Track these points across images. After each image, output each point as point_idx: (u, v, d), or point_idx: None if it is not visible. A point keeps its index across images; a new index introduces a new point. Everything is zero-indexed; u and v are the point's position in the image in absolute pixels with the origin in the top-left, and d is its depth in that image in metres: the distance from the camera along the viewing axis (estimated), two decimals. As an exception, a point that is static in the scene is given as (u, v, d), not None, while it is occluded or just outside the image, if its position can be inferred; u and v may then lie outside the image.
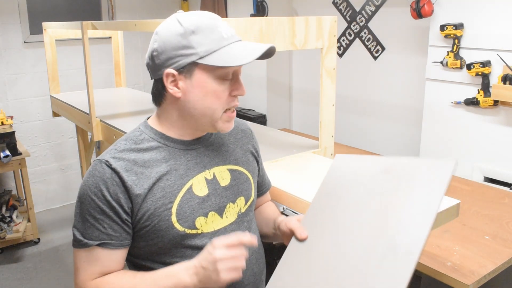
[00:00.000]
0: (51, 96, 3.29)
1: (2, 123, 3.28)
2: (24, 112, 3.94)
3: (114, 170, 1.00)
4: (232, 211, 1.11)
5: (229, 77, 1.01)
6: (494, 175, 2.40)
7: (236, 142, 1.19)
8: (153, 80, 1.06)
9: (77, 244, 1.02)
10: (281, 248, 2.99)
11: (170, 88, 1.01)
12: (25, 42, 3.83)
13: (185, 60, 0.98)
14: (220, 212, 1.08)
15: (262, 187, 1.32)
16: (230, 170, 1.13)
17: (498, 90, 2.23)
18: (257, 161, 1.26)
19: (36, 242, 3.52)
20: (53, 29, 3.16)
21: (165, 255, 1.04)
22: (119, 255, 1.03)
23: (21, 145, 3.51)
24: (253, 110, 4.03)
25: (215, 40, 0.98)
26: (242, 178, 1.15)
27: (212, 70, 0.99)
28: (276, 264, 1.13)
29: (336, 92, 1.89)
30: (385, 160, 1.07)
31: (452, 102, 2.51)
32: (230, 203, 1.11)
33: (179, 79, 1.00)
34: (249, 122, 2.56)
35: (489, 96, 2.30)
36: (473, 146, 2.47)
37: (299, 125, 4.07)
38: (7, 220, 3.38)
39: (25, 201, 3.48)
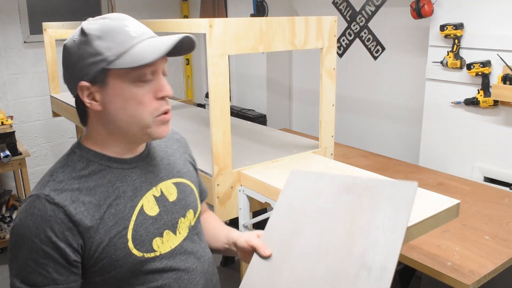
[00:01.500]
0: (51, 96, 3.29)
1: (2, 123, 3.28)
2: (24, 112, 3.94)
3: (57, 205, 0.88)
4: (184, 226, 1.05)
5: (146, 78, 0.91)
6: (494, 175, 2.40)
7: (174, 154, 1.13)
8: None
9: None
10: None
11: (88, 102, 0.92)
12: (25, 42, 3.83)
13: (95, 68, 0.90)
14: (174, 229, 1.02)
15: (201, 196, 1.23)
16: (176, 184, 1.07)
17: (498, 90, 2.23)
18: (195, 169, 1.20)
19: (36, 242, 3.52)
20: (53, 29, 3.16)
21: (125, 285, 0.96)
22: None
23: (21, 145, 3.51)
24: (253, 110, 4.03)
25: (123, 41, 0.90)
26: (187, 190, 1.10)
27: (125, 74, 0.90)
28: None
29: (336, 92, 1.89)
30: (345, 179, 1.04)
31: (452, 102, 2.51)
32: (181, 217, 1.05)
33: (95, 90, 0.92)
34: (249, 122, 2.57)
35: (489, 96, 2.30)
36: (473, 146, 2.47)
37: (299, 125, 4.07)
38: (7, 220, 3.38)
39: (25, 201, 3.48)
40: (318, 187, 1.05)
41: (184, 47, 0.96)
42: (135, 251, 0.94)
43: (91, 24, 0.92)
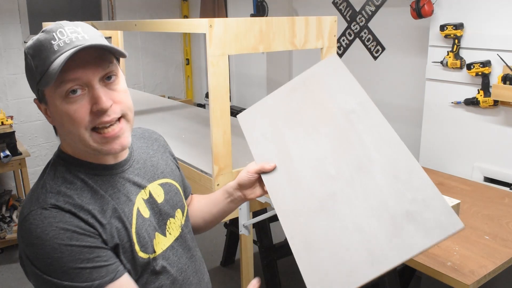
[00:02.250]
0: (51, 96, 3.29)
1: (2, 123, 3.28)
2: (24, 112, 3.94)
3: (70, 211, 0.86)
4: (174, 226, 1.05)
5: (74, 92, 0.85)
6: (494, 175, 2.40)
7: (156, 155, 1.11)
8: None
9: None
10: (281, 248, 2.98)
11: (44, 116, 0.94)
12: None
13: (34, 88, 0.90)
14: (162, 230, 1.02)
15: (186, 192, 1.23)
16: (161, 185, 1.06)
17: (498, 90, 2.23)
18: (178, 167, 1.19)
19: (36, 242, 3.52)
20: (53, 29, 3.15)
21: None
22: (130, 278, 0.91)
23: (21, 145, 3.51)
24: (253, 110, 4.03)
25: (45, 58, 0.85)
26: (173, 190, 1.09)
27: (54, 91, 0.86)
28: (276, 265, 1.12)
29: (336, 92, 1.89)
30: (282, 88, 1.12)
31: (452, 102, 2.51)
32: (171, 218, 1.05)
33: (43, 107, 0.92)
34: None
35: (489, 96, 2.30)
36: (473, 146, 2.47)
37: (299, 125, 4.07)
38: (7, 220, 3.38)
39: (25, 201, 3.48)
40: (269, 108, 1.10)
41: (112, 52, 0.89)
42: (141, 254, 0.94)
43: (29, 43, 0.90)
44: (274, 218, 2.63)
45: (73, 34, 0.86)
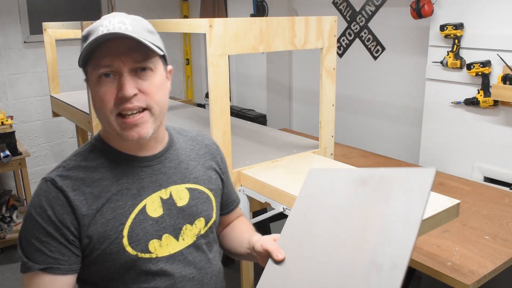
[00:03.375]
0: (51, 96, 3.29)
1: (2, 123, 3.28)
2: (24, 112, 3.94)
3: (59, 189, 0.93)
4: (190, 233, 1.03)
5: (101, 74, 0.92)
6: (494, 175, 2.40)
7: (198, 159, 1.11)
8: None
9: (23, 268, 0.93)
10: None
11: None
12: (25, 42, 3.83)
13: (81, 68, 0.97)
14: (176, 234, 1.01)
15: (229, 205, 1.23)
16: (190, 189, 1.05)
17: (498, 90, 2.23)
18: (221, 179, 1.17)
19: (36, 242, 3.52)
20: (53, 29, 3.16)
21: (118, 280, 0.97)
22: (67, 282, 0.94)
23: (21, 145, 3.51)
24: (253, 110, 4.03)
25: (92, 41, 0.91)
26: (202, 197, 1.07)
27: (92, 71, 0.93)
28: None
29: (336, 92, 1.89)
30: (361, 172, 0.98)
31: (452, 102, 2.51)
32: (188, 224, 1.03)
33: (88, 86, 0.98)
34: (249, 122, 2.57)
35: (489, 96, 2.30)
36: (473, 146, 2.47)
37: (299, 125, 4.07)
38: (7, 220, 3.38)
39: (25, 201, 3.48)
40: (335, 183, 0.99)
41: (146, 46, 0.92)
42: (129, 249, 0.95)
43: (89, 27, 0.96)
44: (274, 218, 2.63)
45: (119, 24, 0.92)
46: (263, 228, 2.58)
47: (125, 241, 0.95)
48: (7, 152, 3.22)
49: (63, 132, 4.16)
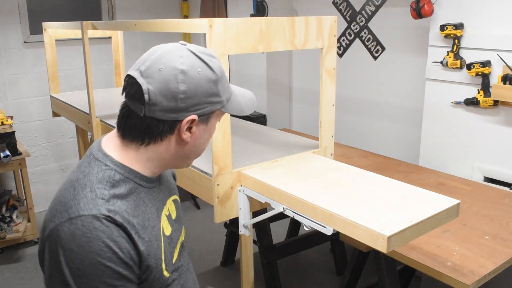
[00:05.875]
0: (51, 96, 3.29)
1: (2, 123, 3.28)
2: (24, 112, 3.94)
3: (120, 226, 0.84)
4: (178, 242, 1.06)
5: (218, 119, 0.98)
6: (494, 175, 2.40)
7: (167, 170, 1.10)
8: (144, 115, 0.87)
9: None
10: (281, 248, 2.98)
11: (185, 133, 0.89)
12: (25, 42, 3.83)
13: (212, 108, 0.90)
14: (174, 246, 1.03)
15: None
16: (174, 201, 1.07)
17: (498, 90, 2.23)
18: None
19: (36, 242, 3.52)
20: (53, 29, 3.16)
21: None
22: None
23: (21, 145, 3.51)
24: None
25: (227, 87, 0.95)
26: (179, 206, 1.10)
27: (220, 115, 0.97)
28: (276, 265, 1.12)
29: (336, 92, 1.89)
30: None
31: (452, 102, 2.51)
32: (181, 235, 1.07)
33: (196, 124, 0.90)
34: (249, 122, 2.57)
35: (489, 96, 2.30)
36: (473, 146, 2.47)
37: (299, 125, 4.07)
38: (7, 220, 3.38)
39: (25, 201, 3.48)
40: None
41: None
42: (165, 273, 0.95)
43: (212, 61, 0.90)
44: (274, 218, 2.63)
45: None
46: (263, 228, 2.58)
47: (163, 266, 0.94)
48: (7, 152, 3.22)
49: (63, 132, 4.16)
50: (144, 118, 0.87)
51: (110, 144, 0.93)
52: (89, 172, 0.89)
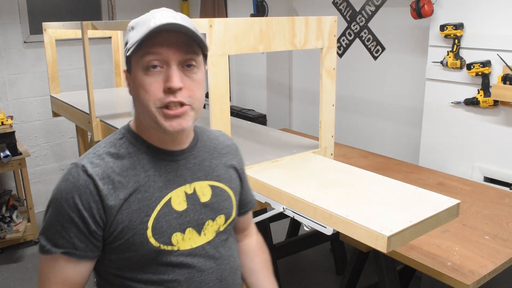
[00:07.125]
0: (51, 96, 3.29)
1: (2, 123, 3.28)
2: (24, 112, 3.94)
3: (90, 176, 0.93)
4: (211, 229, 1.06)
5: (154, 66, 0.93)
6: (494, 175, 2.40)
7: (220, 158, 1.13)
8: None
9: (42, 250, 0.96)
10: (281, 248, 2.97)
11: (127, 85, 1.01)
12: (25, 42, 3.83)
13: (125, 57, 0.98)
14: (199, 229, 1.03)
15: (244, 206, 1.24)
16: (212, 186, 1.08)
17: (498, 90, 2.23)
18: (241, 179, 1.19)
19: (36, 242, 3.52)
20: (53, 29, 3.16)
21: (137, 270, 0.99)
22: (83, 268, 0.97)
23: (21, 145, 3.50)
24: (253, 110, 4.03)
25: (141, 31, 0.92)
26: (223, 195, 1.10)
27: (138, 62, 0.94)
28: (276, 265, 1.12)
29: (336, 92, 1.89)
30: None
31: (452, 102, 2.51)
32: (210, 220, 1.05)
33: (128, 77, 0.99)
34: (249, 122, 2.57)
35: (489, 96, 2.30)
36: (473, 146, 2.47)
37: (299, 125, 4.07)
38: (7, 220, 3.38)
39: (25, 201, 3.48)
40: None
41: (197, 41, 0.95)
42: (152, 240, 0.96)
43: (133, 19, 0.99)
44: (274, 218, 2.63)
45: (171, 18, 0.93)
46: (263, 228, 2.58)
47: (149, 232, 0.96)
48: (7, 152, 3.22)
49: (63, 132, 4.16)
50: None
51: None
52: (108, 137, 1.03)
